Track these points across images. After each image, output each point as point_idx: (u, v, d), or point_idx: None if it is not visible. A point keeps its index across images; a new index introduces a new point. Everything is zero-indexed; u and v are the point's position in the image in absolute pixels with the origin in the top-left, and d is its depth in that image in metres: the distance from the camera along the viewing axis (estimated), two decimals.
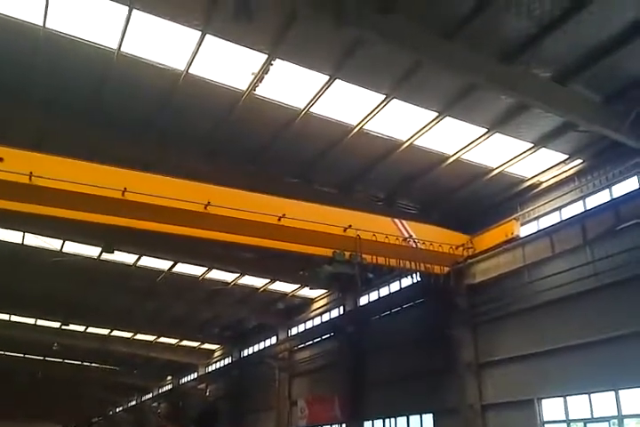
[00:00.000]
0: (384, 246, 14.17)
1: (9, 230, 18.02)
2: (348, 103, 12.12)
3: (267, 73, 11.04)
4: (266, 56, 10.70)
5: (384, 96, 11.80)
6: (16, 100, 11.88)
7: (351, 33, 9.73)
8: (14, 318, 27.94)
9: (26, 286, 22.90)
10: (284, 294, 24.47)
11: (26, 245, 19.12)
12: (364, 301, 21.85)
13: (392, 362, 18.98)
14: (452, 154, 13.86)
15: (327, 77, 11.27)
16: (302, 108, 12.18)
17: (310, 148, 13.81)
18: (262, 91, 11.69)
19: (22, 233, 18.35)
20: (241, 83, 11.54)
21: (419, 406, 17.54)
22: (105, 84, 11.48)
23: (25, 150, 11.31)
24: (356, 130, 12.90)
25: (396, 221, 14.75)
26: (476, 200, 15.71)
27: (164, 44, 10.63)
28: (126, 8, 9.64)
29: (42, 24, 9.96)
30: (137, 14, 9.76)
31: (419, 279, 17.44)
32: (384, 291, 20.66)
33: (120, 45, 10.41)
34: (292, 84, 11.57)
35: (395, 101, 11.92)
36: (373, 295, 21.27)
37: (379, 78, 11.32)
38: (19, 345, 32.87)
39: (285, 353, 25.82)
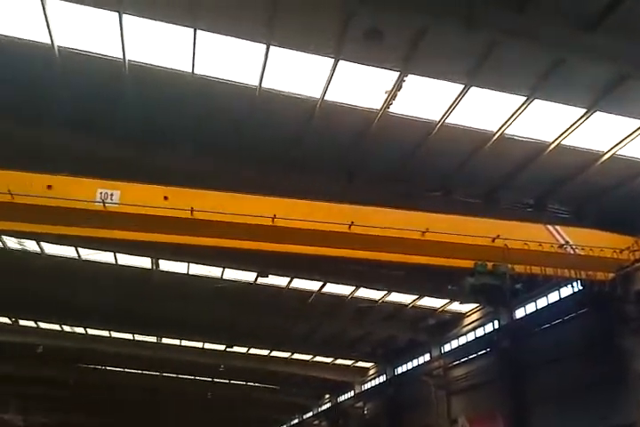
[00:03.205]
0: (538, 255, 13.42)
1: (176, 262, 19.69)
2: (485, 110, 11.85)
3: (400, 90, 11.14)
4: (398, 73, 10.82)
5: (525, 98, 11.38)
6: (169, 143, 13.10)
7: (484, 38, 9.56)
8: (184, 343, 30.21)
9: (192, 313, 24.73)
10: (434, 310, 24.02)
11: (191, 275, 20.75)
12: (520, 313, 20.80)
13: (556, 377, 17.77)
14: (605, 151, 12.92)
15: (462, 86, 11.14)
16: (438, 120, 12.10)
17: (449, 159, 13.61)
18: (396, 108, 11.80)
19: (187, 264, 19.94)
20: (374, 102, 11.76)
21: (588, 422, 16.22)
22: (248, 119, 12.26)
23: (184, 188, 12.35)
24: (496, 136, 12.52)
25: (549, 227, 13.94)
26: (637, 198, 14.44)
27: (298, 75, 11.20)
28: (263, 46, 10.27)
29: (190, 70, 10.92)
30: (274, 50, 10.37)
31: (580, 288, 16.27)
32: (541, 302, 19.54)
33: (261, 81, 11.08)
34: (425, 98, 11.58)
35: (537, 102, 11.44)
36: (530, 307, 20.19)
37: (517, 80, 10.96)
38: (189, 368, 35.35)
39: (440, 370, 25.20)
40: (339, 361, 33.05)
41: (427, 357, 26.99)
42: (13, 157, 12.63)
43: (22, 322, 27.25)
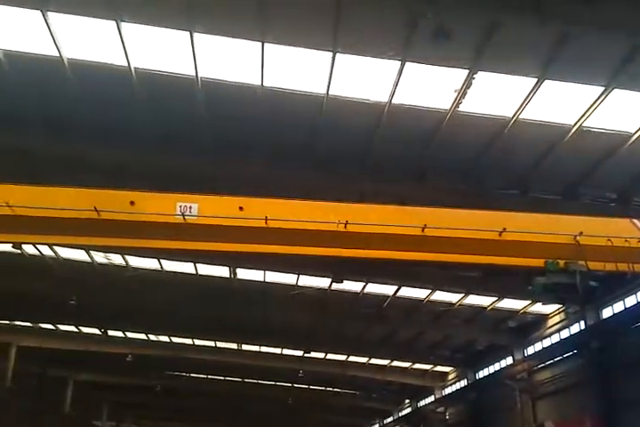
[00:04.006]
0: (624, 251, 12.77)
1: (253, 270, 20.11)
2: (560, 103, 11.43)
3: (469, 87, 10.95)
4: (467, 71, 10.64)
5: (602, 88, 10.89)
6: (242, 155, 13.42)
7: (555, 28, 9.25)
8: (264, 349, 30.74)
9: (271, 319, 25.19)
10: (514, 312, 23.27)
11: (267, 282, 21.12)
12: (607, 313, 19.83)
13: None
14: None
15: (535, 80, 10.80)
16: (511, 116, 11.78)
17: (524, 155, 13.21)
18: (466, 106, 11.60)
19: (263, 271, 20.32)
20: (443, 102, 11.61)
21: None
22: (317, 127, 12.39)
23: (258, 198, 12.61)
24: (574, 129, 12.04)
25: (636, 221, 13.24)
26: None
27: (364, 80, 11.23)
28: (329, 53, 10.37)
29: (260, 83, 11.18)
30: (340, 58, 10.46)
31: None
32: (630, 300, 18.55)
33: (328, 89, 11.19)
34: (496, 94, 11.32)
35: (616, 92, 10.93)
36: (618, 306, 19.20)
37: (593, 70, 10.52)
38: (269, 374, 35.91)
39: (524, 374, 24.37)
40: (417, 366, 32.63)
41: (509, 360, 26.18)
42: (98, 175, 13.43)
43: (111, 333, 28.56)
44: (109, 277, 20.58)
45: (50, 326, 29.00)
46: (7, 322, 28.25)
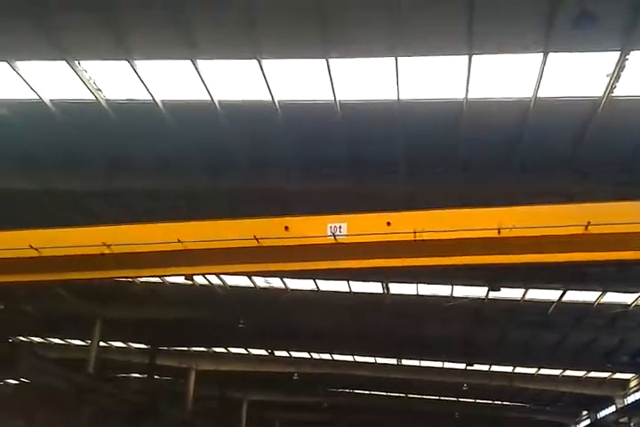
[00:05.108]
0: None
1: (405, 284, 20.01)
2: None
3: (622, 70, 10.10)
4: (618, 53, 9.83)
5: None
6: (383, 171, 13.45)
7: None
8: (424, 363, 30.30)
9: (427, 333, 24.76)
10: None
11: (421, 295, 20.83)
12: None
13: None
14: None
15: None
16: None
17: None
18: (621, 90, 10.68)
19: (415, 284, 20.11)
20: (594, 90, 10.81)
21: None
22: (458, 131, 12.13)
23: (405, 211, 12.55)
24: None
25: None
26: None
27: (503, 78, 10.82)
28: (465, 57, 10.15)
29: (396, 98, 11.20)
30: (477, 59, 10.17)
31: None
32: None
33: (467, 92, 10.93)
34: None
35: None
36: None
37: None
38: (432, 388, 35.27)
39: None
40: (592, 374, 30.21)
41: None
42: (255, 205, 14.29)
43: (277, 353, 29.85)
44: (271, 300, 21.50)
45: (222, 350, 30.81)
46: (185, 349, 30.50)
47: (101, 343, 25.91)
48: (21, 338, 28.06)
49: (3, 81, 11.60)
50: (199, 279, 20.06)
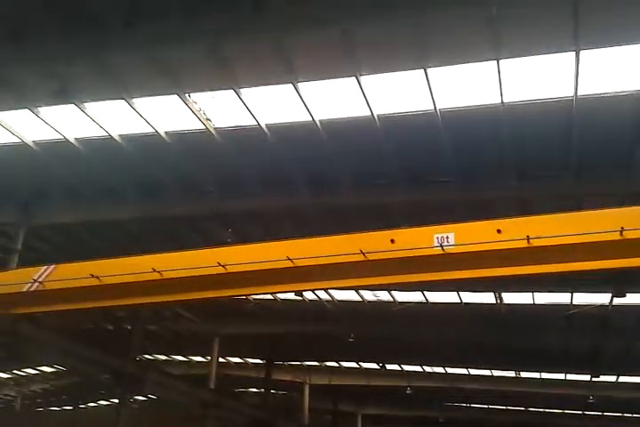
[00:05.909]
0: None
1: (520, 293, 19.26)
2: None
3: None
4: None
5: None
6: (490, 177, 13.09)
7: None
8: (544, 375, 28.92)
9: (547, 343, 23.61)
10: None
11: (537, 304, 19.95)
12: None
13: None
14: None
15: None
16: None
17: None
18: None
19: (531, 293, 19.26)
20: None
21: None
22: (569, 133, 11.59)
23: (516, 217, 12.06)
24: None
25: None
26: None
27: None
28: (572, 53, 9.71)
29: (500, 102, 10.91)
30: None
31: None
32: None
33: (576, 91, 10.43)
34: None
35: None
36: None
37: None
38: (554, 401, 33.46)
39: None
40: None
41: None
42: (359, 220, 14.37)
43: (389, 366, 29.56)
44: (380, 314, 21.42)
45: (334, 364, 30.99)
46: (299, 363, 31.05)
47: (220, 359, 26.87)
48: (147, 356, 29.75)
49: (121, 117, 12.53)
50: (308, 295, 20.42)
